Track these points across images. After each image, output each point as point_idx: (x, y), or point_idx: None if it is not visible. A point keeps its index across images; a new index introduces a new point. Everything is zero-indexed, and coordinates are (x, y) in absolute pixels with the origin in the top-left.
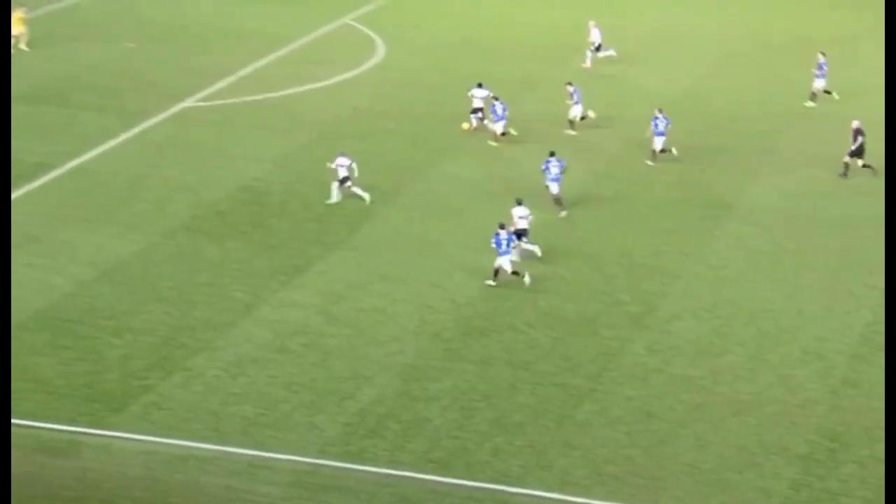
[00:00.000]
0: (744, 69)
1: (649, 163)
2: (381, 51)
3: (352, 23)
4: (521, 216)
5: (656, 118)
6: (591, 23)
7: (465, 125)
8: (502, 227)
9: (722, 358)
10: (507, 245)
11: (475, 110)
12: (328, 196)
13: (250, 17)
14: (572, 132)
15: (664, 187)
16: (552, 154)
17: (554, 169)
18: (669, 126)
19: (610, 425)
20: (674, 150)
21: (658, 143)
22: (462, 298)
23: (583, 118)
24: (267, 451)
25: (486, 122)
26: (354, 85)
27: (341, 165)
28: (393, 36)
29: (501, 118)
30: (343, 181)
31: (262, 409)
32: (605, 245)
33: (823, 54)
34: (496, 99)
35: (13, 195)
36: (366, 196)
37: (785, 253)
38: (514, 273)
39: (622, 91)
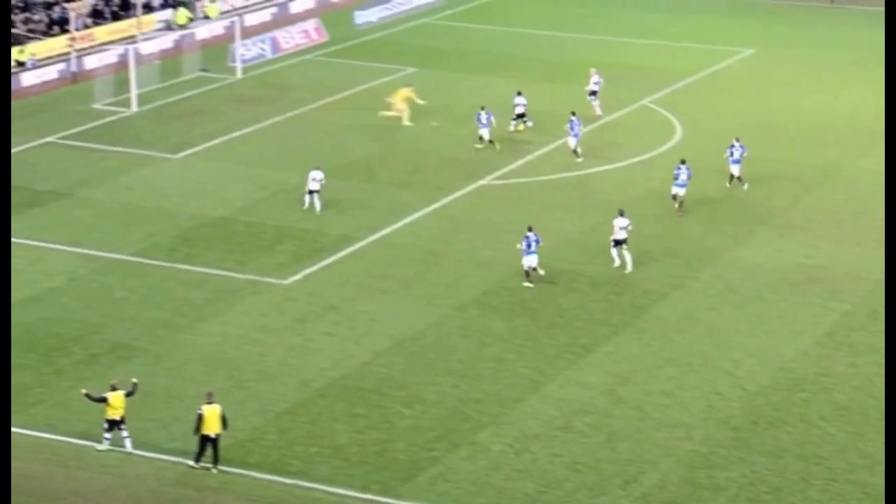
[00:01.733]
0: None
1: (727, 185)
2: (678, 133)
3: (650, 105)
4: (621, 227)
5: (732, 146)
6: None
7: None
8: (530, 229)
9: None
10: (533, 246)
11: (518, 115)
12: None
13: (550, 99)
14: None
15: None
16: (683, 161)
17: (682, 175)
18: (745, 154)
19: None
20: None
21: (735, 169)
22: (752, 386)
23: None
24: None
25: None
26: (649, 166)
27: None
28: (690, 119)
29: (486, 126)
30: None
31: (543, 486)
32: None
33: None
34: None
35: (316, 266)
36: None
37: None
38: (527, 273)
39: None
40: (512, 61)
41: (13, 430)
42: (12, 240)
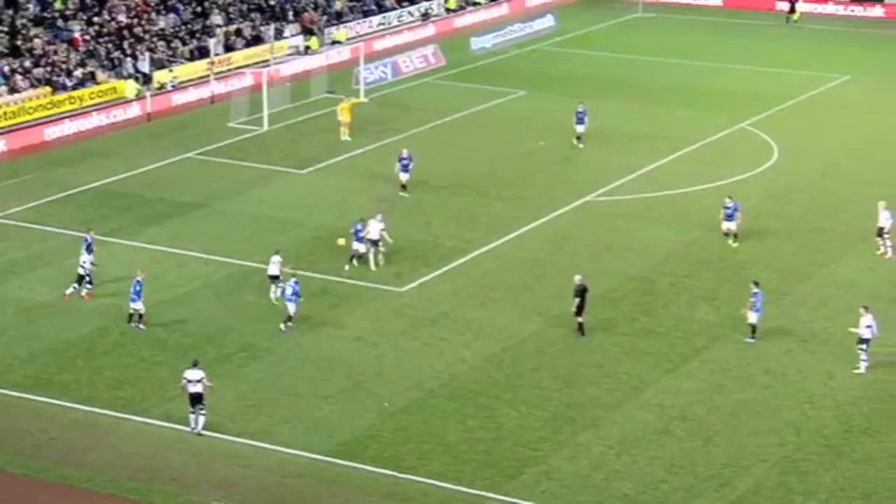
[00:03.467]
0: None
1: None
2: (775, 155)
3: (749, 128)
4: (867, 325)
5: (726, 205)
6: None
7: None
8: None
9: None
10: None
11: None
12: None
13: (654, 121)
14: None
15: None
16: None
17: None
18: (739, 213)
19: None
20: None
21: (730, 226)
22: (845, 397)
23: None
24: None
25: None
26: (747, 186)
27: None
28: (787, 142)
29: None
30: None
31: (641, 487)
32: None
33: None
34: None
35: (431, 276)
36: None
37: None
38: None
39: None
40: (617, 85)
41: (153, 422)
42: (154, 247)
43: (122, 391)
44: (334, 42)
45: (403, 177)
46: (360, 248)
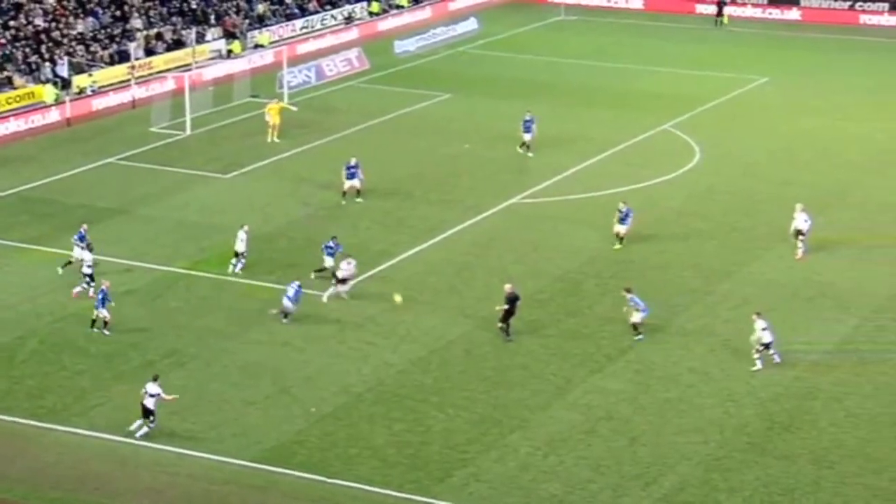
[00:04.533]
0: None
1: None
2: (697, 156)
3: (671, 129)
4: (763, 328)
5: (620, 210)
6: None
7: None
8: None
9: None
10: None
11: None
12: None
13: (578, 123)
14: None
15: None
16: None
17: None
18: (631, 217)
19: None
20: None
21: (620, 229)
22: (767, 394)
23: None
24: None
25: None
26: (670, 187)
27: None
28: (708, 143)
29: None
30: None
31: (569, 487)
32: None
33: None
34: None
35: (357, 280)
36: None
37: None
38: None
39: None
40: (541, 88)
41: (76, 431)
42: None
43: (43, 400)
44: (257, 46)
45: (349, 184)
46: (328, 261)
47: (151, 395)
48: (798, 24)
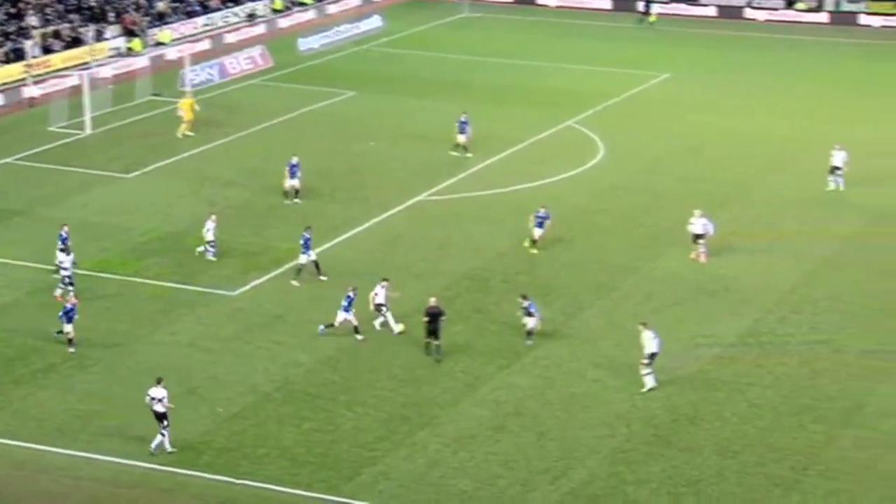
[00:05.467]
0: None
1: (533, 251)
2: (601, 152)
3: (575, 126)
4: (651, 337)
5: (539, 213)
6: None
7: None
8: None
9: None
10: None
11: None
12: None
13: (482, 120)
14: None
15: (876, 290)
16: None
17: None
18: (549, 221)
19: None
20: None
21: (536, 233)
22: (672, 387)
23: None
24: None
25: None
26: (574, 183)
27: None
28: (612, 138)
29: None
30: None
31: (478, 483)
32: (815, 341)
33: None
34: None
35: (264, 278)
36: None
37: None
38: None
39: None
40: (446, 85)
41: None
42: None
43: None
44: (158, 44)
45: (290, 182)
46: (303, 259)
47: (159, 399)
48: (701, 21)
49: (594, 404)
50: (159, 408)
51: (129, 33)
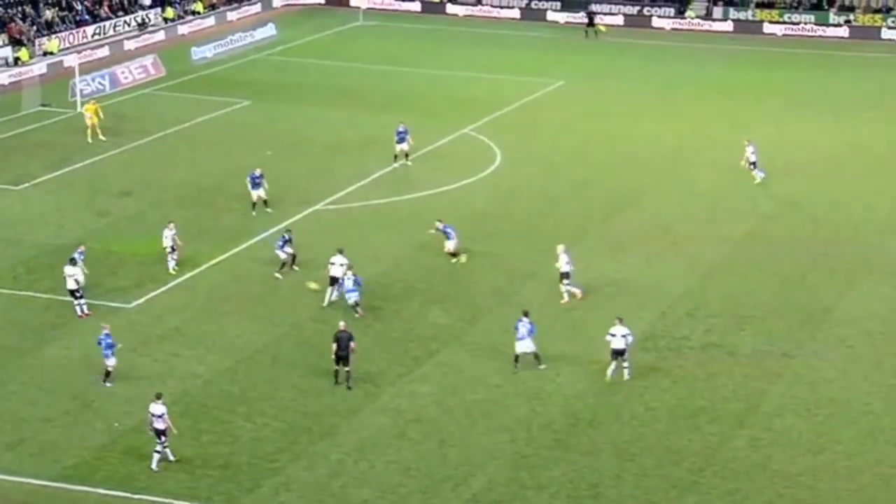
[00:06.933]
0: (845, 177)
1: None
2: (497, 159)
3: (472, 133)
4: (623, 334)
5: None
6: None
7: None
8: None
9: (822, 455)
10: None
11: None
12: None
13: (378, 127)
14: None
15: (768, 292)
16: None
17: (523, 329)
18: (451, 230)
19: None
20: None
21: (450, 245)
22: (571, 391)
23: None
24: None
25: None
26: (473, 190)
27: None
28: (508, 145)
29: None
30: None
31: (379, 492)
32: (709, 343)
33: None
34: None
35: (159, 290)
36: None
37: (886, 356)
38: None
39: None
40: (341, 93)
41: None
42: None
43: None
44: (46, 53)
45: (255, 193)
46: (281, 255)
47: (159, 416)
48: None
49: (495, 410)
50: (160, 424)
51: (16, 43)
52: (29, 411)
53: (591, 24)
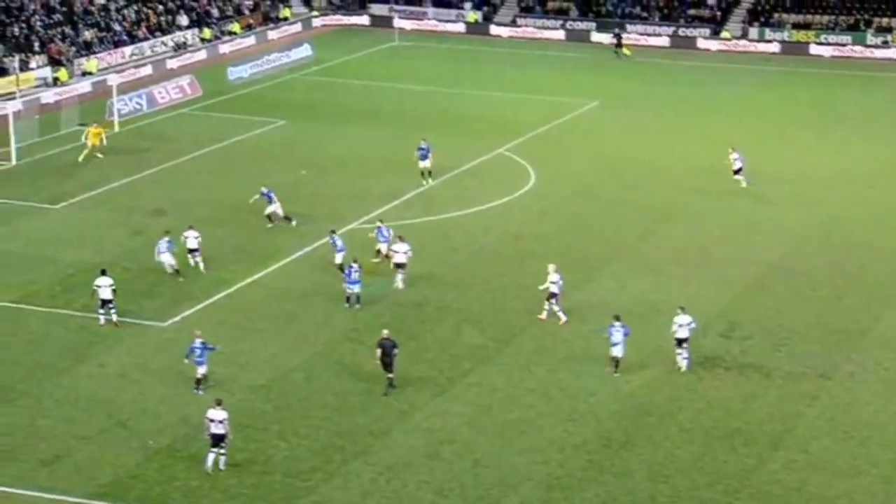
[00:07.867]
0: (881, 198)
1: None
2: (532, 179)
3: (507, 153)
4: (681, 324)
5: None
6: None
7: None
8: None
9: (858, 479)
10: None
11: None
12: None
13: (414, 148)
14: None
15: (804, 314)
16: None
17: (617, 334)
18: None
19: None
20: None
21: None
22: (604, 412)
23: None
24: None
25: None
26: (507, 209)
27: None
28: (543, 165)
29: (342, 249)
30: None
31: None
32: (745, 364)
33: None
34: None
35: (194, 309)
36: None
37: None
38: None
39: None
40: (377, 114)
41: None
42: None
43: None
44: (85, 73)
45: (270, 208)
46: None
47: (220, 421)
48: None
49: (528, 430)
50: (220, 430)
51: (56, 63)
52: (64, 429)
53: (619, 45)
